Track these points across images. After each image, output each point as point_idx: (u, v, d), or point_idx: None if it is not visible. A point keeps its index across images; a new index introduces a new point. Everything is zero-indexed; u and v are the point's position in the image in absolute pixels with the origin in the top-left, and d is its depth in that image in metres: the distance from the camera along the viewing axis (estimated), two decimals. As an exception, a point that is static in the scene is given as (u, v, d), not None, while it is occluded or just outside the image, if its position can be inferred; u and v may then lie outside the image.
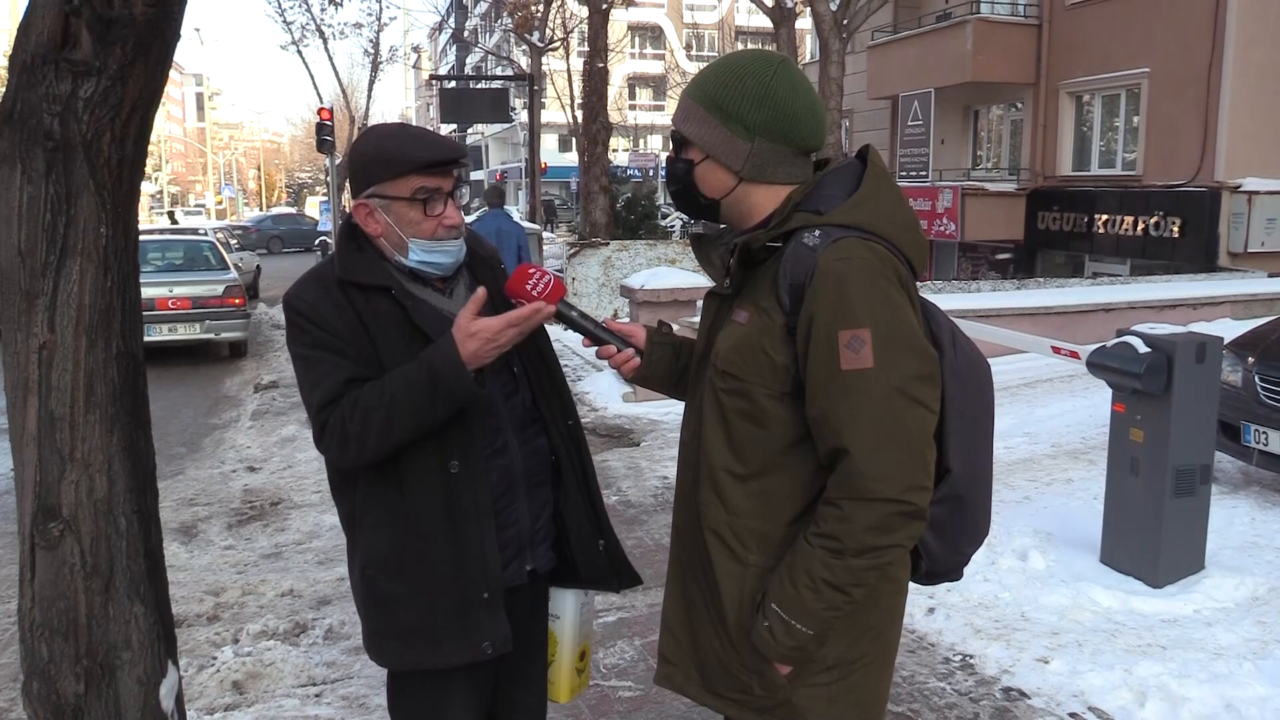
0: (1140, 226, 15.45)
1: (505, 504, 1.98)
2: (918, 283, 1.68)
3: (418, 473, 1.89)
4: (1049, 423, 7.09)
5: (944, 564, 1.70)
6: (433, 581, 1.91)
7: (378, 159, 1.90)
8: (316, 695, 3.60)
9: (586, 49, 18.64)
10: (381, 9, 26.96)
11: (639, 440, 7.23)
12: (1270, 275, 12.76)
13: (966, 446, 1.64)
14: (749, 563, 1.63)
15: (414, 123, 37.76)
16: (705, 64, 1.88)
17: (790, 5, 16.94)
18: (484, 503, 1.91)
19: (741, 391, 1.62)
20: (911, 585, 1.76)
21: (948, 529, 1.66)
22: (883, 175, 1.65)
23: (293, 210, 48.29)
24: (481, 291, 1.84)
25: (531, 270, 1.93)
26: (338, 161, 24.77)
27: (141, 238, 2.03)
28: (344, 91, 29.26)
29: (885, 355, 1.49)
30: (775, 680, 1.63)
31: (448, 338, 1.81)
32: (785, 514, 1.62)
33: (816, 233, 1.57)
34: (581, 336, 1.95)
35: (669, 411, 7.77)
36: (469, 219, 10.10)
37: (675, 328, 1.98)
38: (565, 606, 2.17)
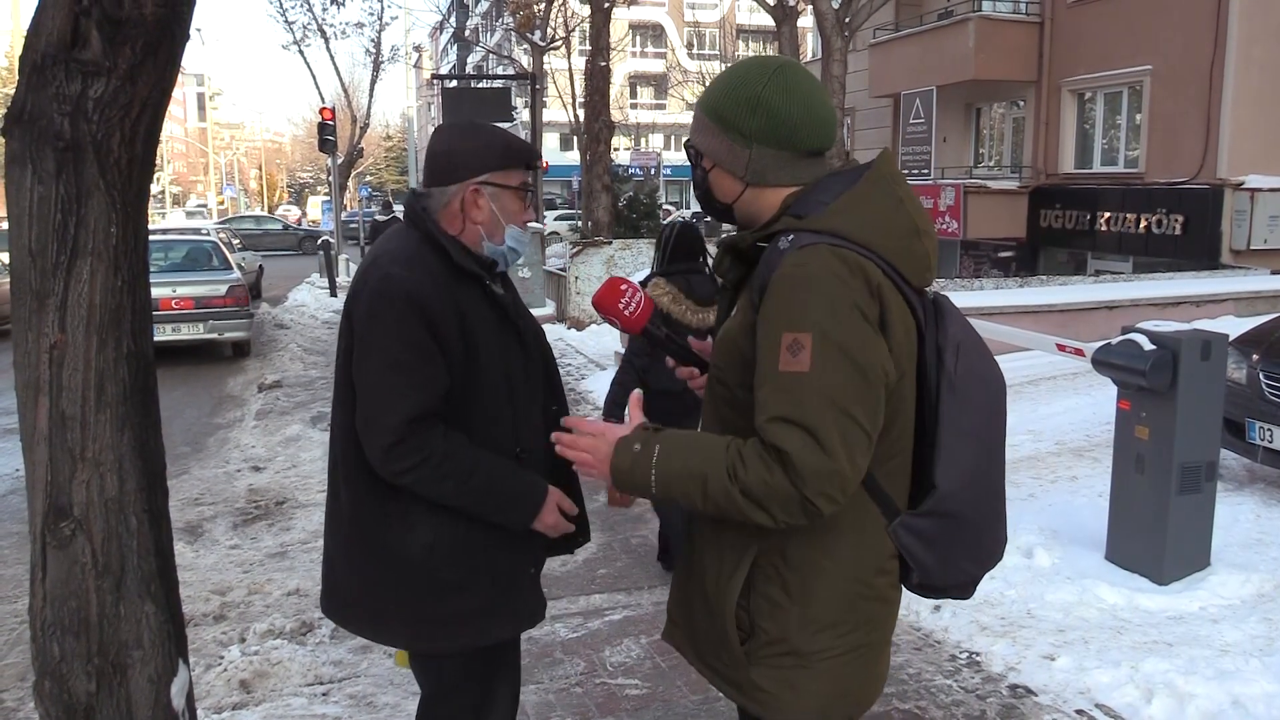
0: (1143, 224, 15.43)
1: None
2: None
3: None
4: (1053, 420, 7.08)
5: (940, 579, 1.69)
6: (489, 561, 2.03)
7: (500, 149, 2.00)
8: (324, 694, 3.61)
9: (588, 48, 18.61)
10: (383, 8, 26.94)
11: (643, 439, 7.22)
12: (1273, 272, 12.74)
13: (964, 464, 1.63)
14: (725, 539, 1.69)
15: (415, 122, 37.69)
16: (706, 62, 1.91)
17: (792, 3, 16.88)
18: None
19: (724, 382, 1.69)
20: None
21: (940, 544, 1.65)
22: (880, 180, 1.64)
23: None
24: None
25: (624, 287, 1.88)
26: (339, 161, 24.73)
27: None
28: (346, 91, 29.15)
29: (822, 362, 1.49)
30: (736, 655, 1.68)
31: (543, 492, 2.04)
32: None
33: (790, 236, 1.59)
34: (669, 357, 1.94)
35: (672, 410, 7.76)
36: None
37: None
38: None
